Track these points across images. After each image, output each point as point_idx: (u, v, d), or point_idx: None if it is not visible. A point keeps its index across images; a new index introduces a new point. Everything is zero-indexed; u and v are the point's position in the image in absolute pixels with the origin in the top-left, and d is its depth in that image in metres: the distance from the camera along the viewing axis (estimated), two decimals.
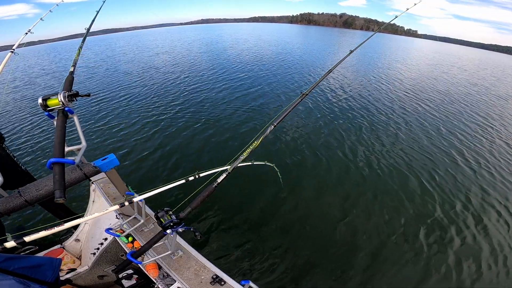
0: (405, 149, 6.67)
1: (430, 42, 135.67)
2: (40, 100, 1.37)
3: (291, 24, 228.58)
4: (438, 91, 13.45)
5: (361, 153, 6.38)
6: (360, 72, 16.63)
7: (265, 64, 17.04)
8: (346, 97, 10.70)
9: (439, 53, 45.45)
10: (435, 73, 19.68)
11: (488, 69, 28.52)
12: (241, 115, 8.36)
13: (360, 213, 4.47)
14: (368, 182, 5.29)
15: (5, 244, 0.98)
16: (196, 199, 1.53)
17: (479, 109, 11.14)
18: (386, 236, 4.06)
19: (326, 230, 4.12)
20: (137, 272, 2.16)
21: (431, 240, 4.02)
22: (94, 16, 2.93)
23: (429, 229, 4.22)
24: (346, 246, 3.86)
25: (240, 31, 67.07)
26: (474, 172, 5.94)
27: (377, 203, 4.73)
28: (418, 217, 4.45)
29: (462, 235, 4.16)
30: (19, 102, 11.08)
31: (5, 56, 2.35)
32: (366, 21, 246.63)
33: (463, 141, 7.59)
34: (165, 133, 7.09)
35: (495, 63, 42.06)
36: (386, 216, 4.44)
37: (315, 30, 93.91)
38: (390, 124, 8.31)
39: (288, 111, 1.79)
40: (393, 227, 4.24)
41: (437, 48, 66.48)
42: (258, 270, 3.43)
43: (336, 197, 4.85)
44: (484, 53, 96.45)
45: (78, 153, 1.61)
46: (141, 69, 16.27)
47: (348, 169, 5.68)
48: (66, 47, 52.86)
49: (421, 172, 5.71)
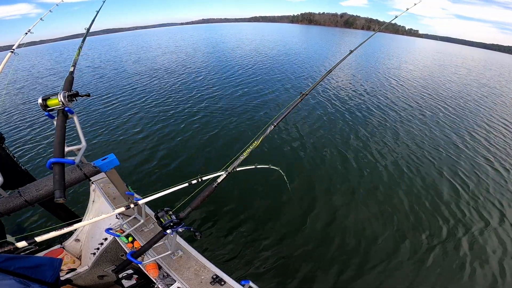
0: (416, 149, 6.68)
1: (433, 42, 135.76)
2: (40, 100, 1.37)
3: (292, 24, 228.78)
4: (451, 92, 13.43)
5: (373, 151, 6.39)
6: (360, 71, 16.63)
7: (266, 64, 17.04)
8: (345, 96, 10.71)
9: (444, 53, 45.30)
10: (446, 74, 19.68)
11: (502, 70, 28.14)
12: (241, 115, 8.36)
13: (364, 213, 4.46)
14: (377, 182, 5.29)
15: (17, 244, 0.99)
16: (196, 199, 1.53)
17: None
18: (397, 238, 4.03)
19: (329, 231, 4.11)
20: (137, 272, 2.16)
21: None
22: (94, 16, 2.93)
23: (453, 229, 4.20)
24: (349, 246, 3.86)
25: (243, 31, 66.95)
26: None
27: (386, 203, 4.74)
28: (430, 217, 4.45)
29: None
30: (19, 102, 11.08)
31: (5, 56, 2.35)
32: (367, 21, 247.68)
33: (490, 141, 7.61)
34: (166, 133, 7.09)
35: (503, 63, 41.95)
36: (395, 216, 4.43)
37: (316, 30, 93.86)
38: (413, 125, 8.30)
39: (288, 111, 1.79)
40: (403, 229, 4.20)
41: (441, 48, 66.42)
42: (258, 270, 3.43)
43: (339, 197, 4.84)
44: (488, 53, 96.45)
45: (78, 153, 1.61)
46: (143, 70, 16.28)
47: (353, 169, 5.68)
48: (66, 48, 52.65)
49: (423, 167, 5.73)
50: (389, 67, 19.66)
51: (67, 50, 44.14)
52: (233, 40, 36.31)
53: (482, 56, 58.97)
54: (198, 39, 39.48)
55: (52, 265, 1.08)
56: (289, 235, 3.99)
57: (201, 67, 16.09)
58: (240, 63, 17.43)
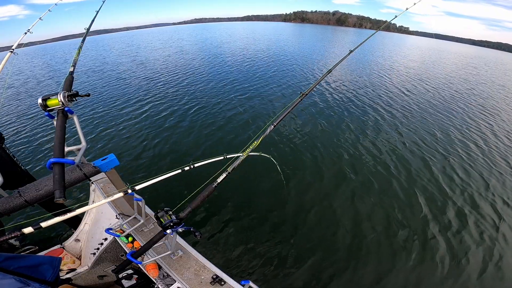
0: (411, 147, 6.69)
1: (424, 39, 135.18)
2: (40, 100, 1.38)
3: (285, 22, 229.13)
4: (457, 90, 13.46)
5: (379, 147, 6.46)
6: (360, 71, 16.62)
7: (265, 64, 17.03)
8: (345, 95, 10.70)
9: (443, 51, 45.51)
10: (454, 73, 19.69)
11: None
12: (241, 115, 8.36)
13: (366, 212, 4.47)
14: (376, 180, 5.31)
15: (23, 230, 0.98)
16: (196, 199, 1.53)
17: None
18: (397, 234, 4.06)
19: (331, 231, 4.11)
20: (137, 272, 2.16)
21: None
22: (94, 16, 2.93)
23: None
24: (350, 246, 3.85)
25: (237, 30, 66.15)
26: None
27: (385, 199, 4.77)
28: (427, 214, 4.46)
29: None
30: (19, 102, 11.08)
31: (4, 57, 2.35)
32: (359, 19, 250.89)
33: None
34: (166, 133, 7.09)
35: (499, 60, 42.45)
36: (398, 213, 4.48)
37: (309, 28, 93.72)
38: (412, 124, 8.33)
39: (288, 111, 1.79)
40: (402, 224, 4.26)
41: (436, 46, 66.44)
42: (258, 270, 3.43)
43: (340, 196, 4.83)
44: (479, 49, 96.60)
45: (78, 153, 1.61)
46: (142, 70, 16.28)
47: (352, 168, 5.68)
48: (57, 49, 51.85)
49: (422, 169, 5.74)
50: (384, 65, 19.67)
51: (59, 51, 43.35)
52: (231, 40, 36.18)
53: (481, 53, 59.01)
54: (195, 40, 39.24)
55: (51, 264, 1.08)
56: (290, 235, 3.99)
57: (201, 68, 16.08)
58: (242, 63, 17.42)
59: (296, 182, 5.15)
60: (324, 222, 4.27)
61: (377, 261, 3.66)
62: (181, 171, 1.56)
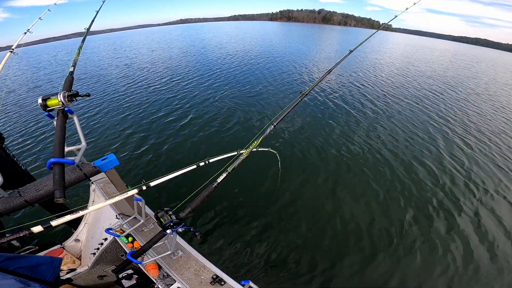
0: (407, 145, 6.69)
1: (405, 35, 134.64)
2: (40, 100, 1.38)
3: (272, 21, 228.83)
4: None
5: (377, 144, 6.49)
6: (360, 70, 16.62)
7: (263, 64, 17.03)
8: (345, 95, 10.71)
9: (420, 47, 45.45)
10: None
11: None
12: (241, 115, 8.36)
13: (366, 212, 4.47)
14: (376, 180, 5.32)
15: (32, 229, 0.98)
16: (196, 199, 1.53)
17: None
18: (397, 230, 4.11)
19: (331, 230, 4.11)
20: (137, 272, 2.16)
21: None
22: (94, 16, 2.94)
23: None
24: (351, 246, 3.85)
25: (225, 30, 65.13)
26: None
27: (386, 197, 4.81)
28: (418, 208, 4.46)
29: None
30: (19, 102, 11.08)
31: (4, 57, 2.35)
32: (344, 17, 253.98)
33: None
34: (165, 133, 7.09)
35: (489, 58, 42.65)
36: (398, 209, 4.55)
37: (296, 27, 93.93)
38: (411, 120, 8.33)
39: (288, 111, 1.79)
40: (400, 218, 4.31)
41: (413, 42, 66.39)
42: (258, 270, 3.43)
43: (340, 196, 4.83)
44: (460, 45, 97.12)
45: (78, 153, 1.61)
46: (141, 70, 16.28)
47: (351, 166, 5.68)
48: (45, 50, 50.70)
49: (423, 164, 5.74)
50: (382, 64, 19.67)
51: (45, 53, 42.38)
52: (221, 40, 35.66)
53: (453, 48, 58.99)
54: (188, 40, 38.68)
55: (51, 264, 1.08)
56: (290, 235, 3.99)
57: (198, 68, 16.08)
58: (238, 64, 17.41)
59: (296, 182, 5.15)
60: (324, 222, 4.27)
61: (381, 259, 3.66)
62: (196, 167, 1.58)
